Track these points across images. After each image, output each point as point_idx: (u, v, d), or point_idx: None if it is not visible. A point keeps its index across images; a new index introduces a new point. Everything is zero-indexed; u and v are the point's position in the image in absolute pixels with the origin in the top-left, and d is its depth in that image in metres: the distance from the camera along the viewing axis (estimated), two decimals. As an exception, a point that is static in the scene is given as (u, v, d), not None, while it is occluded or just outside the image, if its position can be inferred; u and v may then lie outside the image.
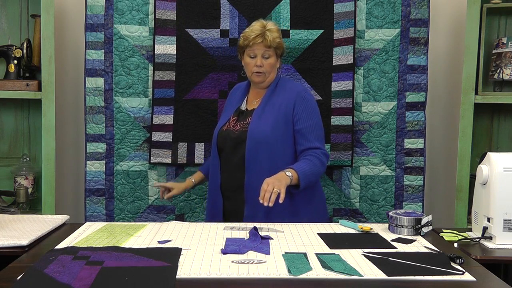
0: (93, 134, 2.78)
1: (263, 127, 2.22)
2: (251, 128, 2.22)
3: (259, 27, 2.27)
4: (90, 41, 2.75)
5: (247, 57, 2.29)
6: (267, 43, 2.24)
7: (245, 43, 2.27)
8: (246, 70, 2.33)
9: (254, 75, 2.29)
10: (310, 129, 2.25)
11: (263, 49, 2.25)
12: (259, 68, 2.26)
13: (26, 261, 1.52)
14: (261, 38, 2.24)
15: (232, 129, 2.28)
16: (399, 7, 2.74)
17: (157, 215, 2.81)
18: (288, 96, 2.28)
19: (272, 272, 1.41)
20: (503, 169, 1.77)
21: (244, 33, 2.31)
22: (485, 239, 1.79)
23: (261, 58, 2.26)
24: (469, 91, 2.67)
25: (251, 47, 2.26)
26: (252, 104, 2.35)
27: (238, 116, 2.32)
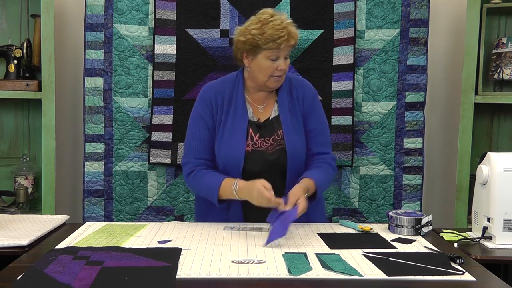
0: (92, 134, 2.78)
1: (300, 141, 1.98)
2: (289, 145, 1.94)
3: (280, 22, 1.88)
4: (90, 41, 2.75)
5: (265, 59, 1.90)
6: (295, 43, 1.92)
7: (270, 45, 1.87)
8: (259, 73, 1.94)
9: (272, 80, 1.94)
10: (321, 130, 2.05)
11: (289, 50, 1.93)
12: (281, 72, 1.93)
13: (26, 261, 1.52)
14: (292, 40, 1.89)
15: (264, 149, 1.96)
16: (399, 7, 2.75)
17: (156, 216, 2.80)
18: (299, 92, 2.04)
19: (272, 272, 1.41)
20: (503, 169, 1.77)
21: (261, 30, 1.89)
22: (485, 239, 1.79)
23: (284, 60, 1.92)
24: (469, 91, 2.67)
25: (276, 50, 1.88)
26: (259, 111, 2.02)
27: (260, 131, 1.98)
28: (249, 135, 1.96)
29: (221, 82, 2.08)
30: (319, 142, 2.03)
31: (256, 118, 2.00)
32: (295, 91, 2.04)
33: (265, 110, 2.02)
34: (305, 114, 2.03)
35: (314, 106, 2.05)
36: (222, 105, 2.00)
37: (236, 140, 1.95)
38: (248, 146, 1.95)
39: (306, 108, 2.03)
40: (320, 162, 2.01)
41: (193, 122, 2.05)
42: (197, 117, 2.03)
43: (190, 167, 2.00)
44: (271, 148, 1.96)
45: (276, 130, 1.98)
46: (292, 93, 2.03)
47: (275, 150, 1.96)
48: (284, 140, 1.95)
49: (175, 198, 2.80)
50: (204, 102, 2.03)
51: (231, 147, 1.95)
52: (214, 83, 2.10)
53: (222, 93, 2.02)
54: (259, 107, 2.03)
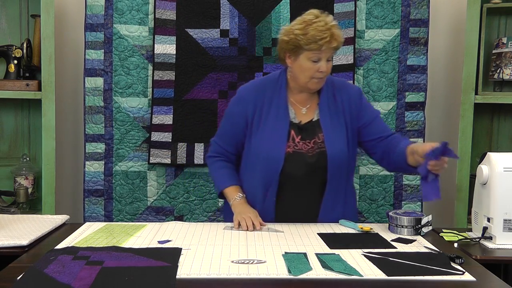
0: (92, 134, 2.78)
1: (340, 144, 1.94)
2: (330, 149, 1.92)
3: (324, 24, 1.85)
4: (90, 41, 2.75)
5: (306, 60, 1.87)
6: (338, 46, 1.89)
7: (311, 46, 1.84)
8: (301, 74, 1.91)
9: (313, 82, 1.90)
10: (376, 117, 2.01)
11: (332, 52, 1.89)
12: (322, 74, 1.89)
13: (26, 261, 1.52)
14: (335, 42, 1.86)
15: (304, 151, 1.94)
16: (399, 7, 2.75)
17: (156, 216, 2.80)
18: (343, 96, 2.00)
19: (272, 272, 1.41)
20: (503, 169, 1.77)
21: (304, 31, 1.86)
22: (485, 239, 1.79)
23: (325, 62, 1.88)
24: (469, 91, 2.67)
25: (318, 51, 1.85)
26: (302, 113, 1.99)
27: (301, 133, 1.95)
28: (290, 136, 1.94)
29: (263, 81, 2.06)
30: (381, 128, 2.01)
31: (298, 120, 1.97)
32: (339, 95, 2.00)
33: (308, 112, 1.99)
34: (355, 114, 1.99)
35: (361, 102, 2.02)
36: (262, 105, 1.98)
37: (276, 141, 1.93)
38: (289, 148, 1.93)
39: (354, 108, 2.00)
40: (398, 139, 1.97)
41: (225, 116, 2.11)
42: (229, 114, 2.07)
43: (212, 151, 2.13)
44: (311, 151, 1.93)
45: (317, 133, 1.95)
46: (336, 97, 1.99)
47: (315, 153, 1.93)
48: (324, 144, 1.93)
49: (174, 198, 2.80)
50: (239, 102, 2.02)
51: (272, 147, 1.93)
52: (255, 82, 2.09)
53: (263, 93, 1.99)
54: (302, 109, 1.99)
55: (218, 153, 2.09)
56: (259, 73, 2.76)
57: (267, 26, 2.75)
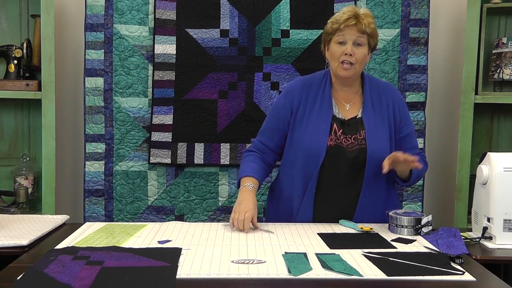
0: (93, 134, 2.78)
1: (382, 143, 1.96)
2: (370, 146, 1.94)
3: (351, 9, 1.93)
4: (90, 41, 2.75)
5: (334, 44, 1.94)
6: (361, 27, 1.89)
7: (334, 27, 1.92)
8: (331, 61, 1.97)
9: (341, 68, 1.93)
10: (413, 133, 2.08)
11: (356, 34, 1.90)
12: (349, 57, 1.90)
13: (26, 261, 1.52)
14: (354, 20, 1.89)
15: (344, 146, 1.96)
16: (399, 7, 2.75)
17: (156, 216, 2.80)
18: (388, 98, 2.03)
19: (272, 272, 1.41)
20: (503, 169, 1.77)
21: (332, 18, 1.97)
22: (485, 239, 1.79)
23: (351, 45, 1.91)
24: (469, 91, 2.67)
25: (341, 31, 1.91)
26: (345, 109, 2.02)
27: (343, 127, 1.98)
28: (332, 129, 1.97)
29: (310, 77, 2.10)
30: (413, 145, 2.07)
31: (341, 116, 2.00)
32: (384, 96, 2.04)
33: (351, 109, 2.02)
34: (399, 120, 2.04)
35: (406, 112, 2.07)
36: (307, 100, 2.03)
37: (319, 133, 1.96)
38: (331, 141, 1.96)
39: (398, 114, 2.04)
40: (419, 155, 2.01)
41: (271, 110, 2.14)
42: (274, 107, 2.11)
43: (251, 147, 2.14)
44: (351, 147, 1.96)
45: (359, 130, 1.97)
46: (380, 97, 2.03)
47: (355, 149, 1.95)
48: (365, 141, 1.95)
49: (175, 198, 2.80)
50: (286, 95, 2.07)
51: (314, 139, 1.96)
52: (303, 78, 2.13)
53: (308, 88, 2.04)
54: (346, 105, 2.02)
55: (256, 149, 2.11)
56: (259, 73, 2.76)
57: (267, 26, 2.75)
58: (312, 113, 2.00)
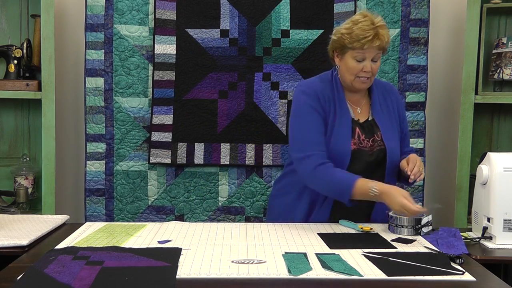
0: (93, 134, 2.78)
1: (396, 142, 2.00)
2: (389, 146, 1.97)
3: (369, 23, 1.88)
4: (90, 41, 2.75)
5: (351, 59, 1.91)
6: (382, 45, 1.89)
7: (355, 45, 1.88)
8: (347, 73, 1.95)
9: (358, 81, 1.93)
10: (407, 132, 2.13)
11: (376, 52, 1.90)
12: (367, 73, 1.92)
13: (26, 261, 1.52)
14: (377, 41, 1.87)
15: (366, 149, 1.97)
16: (399, 7, 2.75)
17: (156, 216, 2.81)
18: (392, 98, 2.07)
19: (272, 272, 1.41)
20: (503, 169, 1.77)
21: (350, 30, 1.90)
22: (485, 239, 1.79)
23: (370, 62, 1.91)
24: (469, 91, 2.67)
25: (362, 50, 1.88)
26: (357, 113, 2.02)
27: (364, 131, 1.99)
28: (356, 133, 1.96)
29: (320, 80, 2.04)
30: (406, 144, 2.13)
31: (357, 118, 2.01)
32: (388, 96, 2.07)
33: (362, 111, 2.03)
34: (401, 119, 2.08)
35: (403, 111, 2.12)
36: (328, 102, 1.98)
37: (342, 137, 1.94)
38: (355, 145, 1.95)
39: (400, 113, 2.09)
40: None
41: (304, 113, 1.97)
42: (308, 108, 1.96)
43: (316, 159, 1.92)
44: (372, 149, 1.97)
45: (376, 131, 1.99)
46: (386, 97, 2.05)
47: (375, 151, 1.97)
48: (383, 142, 1.97)
49: (175, 198, 2.81)
50: (311, 96, 1.97)
51: (338, 143, 1.94)
52: (314, 80, 2.05)
53: (325, 90, 1.99)
54: (357, 108, 2.03)
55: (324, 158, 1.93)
56: (259, 73, 2.76)
57: (267, 26, 2.75)
58: (334, 115, 1.97)
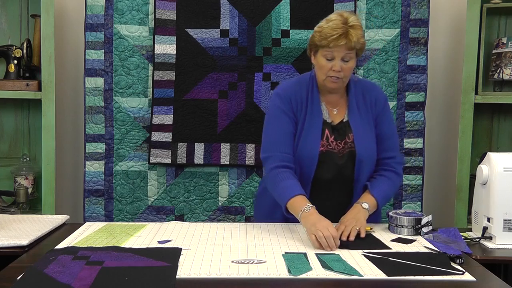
0: (93, 134, 2.78)
1: (369, 145, 1.96)
2: (359, 149, 1.93)
3: (340, 23, 1.84)
4: (90, 41, 2.75)
5: (321, 58, 1.89)
6: (350, 45, 1.83)
7: (323, 43, 1.85)
8: (318, 72, 1.94)
9: (328, 81, 1.91)
10: (389, 134, 2.02)
11: (344, 51, 1.85)
12: (337, 73, 1.88)
13: (26, 261, 1.52)
14: (344, 40, 1.82)
15: (335, 151, 1.94)
16: (399, 7, 2.74)
17: (156, 216, 2.80)
18: (372, 96, 2.01)
19: (272, 272, 1.41)
20: (503, 169, 1.77)
21: (321, 28, 1.87)
22: (485, 239, 1.79)
23: (340, 61, 1.86)
24: (469, 91, 2.67)
25: (329, 49, 1.85)
26: (333, 113, 2.00)
27: (334, 132, 1.96)
28: (324, 135, 1.95)
29: (297, 81, 2.05)
30: (386, 147, 2.01)
31: (330, 120, 1.98)
32: (368, 95, 2.01)
33: (338, 112, 2.00)
34: (376, 118, 2.01)
35: (385, 111, 2.03)
36: (301, 102, 1.97)
37: (311, 139, 1.93)
38: (323, 147, 1.93)
39: (378, 111, 2.01)
40: (384, 170, 2.00)
41: (274, 116, 1.99)
42: (278, 111, 1.98)
43: (274, 161, 1.93)
44: (342, 152, 1.94)
45: (348, 133, 1.96)
46: (365, 97, 2.00)
47: (345, 153, 1.94)
48: (354, 143, 1.94)
49: (175, 198, 2.80)
50: (284, 99, 1.98)
51: (307, 146, 1.93)
52: (290, 83, 2.06)
53: (299, 93, 1.99)
54: (333, 110, 2.00)
55: (282, 161, 1.92)
56: (259, 73, 2.76)
57: (267, 26, 2.75)
58: (305, 117, 1.97)
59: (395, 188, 2.06)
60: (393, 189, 2.03)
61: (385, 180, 1.97)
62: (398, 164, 2.03)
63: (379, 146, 2.00)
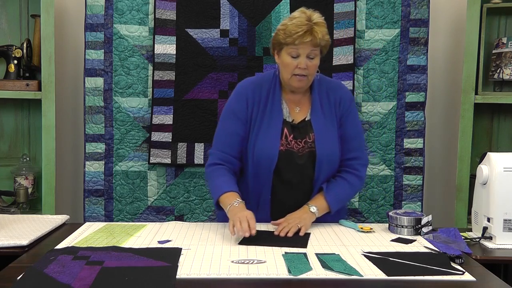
0: (92, 134, 2.78)
1: (331, 145, 1.93)
2: (320, 149, 1.91)
3: (304, 20, 1.83)
4: (90, 41, 2.75)
5: (286, 56, 1.87)
6: (315, 41, 1.83)
7: (287, 40, 1.83)
8: (283, 71, 1.91)
9: (294, 79, 1.88)
10: (353, 135, 1.99)
11: (310, 48, 1.84)
12: (302, 71, 1.86)
13: (26, 261, 1.52)
14: (309, 36, 1.81)
15: (295, 150, 1.93)
16: (399, 7, 2.75)
17: (156, 216, 2.80)
18: (336, 96, 1.98)
19: (272, 272, 1.41)
20: (503, 169, 1.77)
21: (285, 26, 1.86)
22: (485, 239, 1.79)
23: (305, 59, 1.85)
24: (469, 91, 2.67)
25: (295, 46, 1.83)
26: (295, 112, 1.97)
27: (294, 132, 1.94)
28: (283, 134, 1.92)
29: (259, 78, 2.03)
30: (350, 148, 1.98)
31: (291, 119, 1.96)
32: (332, 94, 1.98)
33: (301, 111, 1.97)
34: (341, 119, 1.98)
35: (350, 110, 2.00)
36: (259, 102, 1.96)
37: (270, 138, 1.91)
38: (282, 146, 1.91)
39: (342, 112, 1.98)
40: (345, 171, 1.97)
41: (224, 115, 2.01)
42: (229, 111, 1.99)
43: (213, 158, 1.98)
44: (302, 151, 1.92)
45: (309, 132, 1.93)
46: (329, 96, 1.98)
47: (305, 153, 1.92)
48: (314, 144, 1.92)
49: (175, 198, 2.80)
50: (239, 97, 1.98)
51: (266, 144, 1.91)
52: (253, 79, 2.06)
53: (260, 90, 1.97)
54: (296, 108, 1.97)
55: (221, 160, 1.97)
56: (259, 73, 2.76)
57: (267, 26, 2.75)
58: (263, 116, 1.94)
59: (354, 192, 2.03)
60: (351, 192, 2.01)
61: (343, 183, 1.95)
62: (361, 166, 2.00)
63: (343, 146, 1.97)
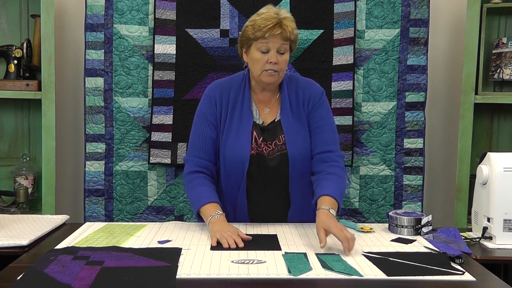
0: (93, 134, 2.78)
1: (302, 145, 1.90)
2: (291, 151, 1.88)
3: (272, 13, 1.83)
4: (90, 41, 2.75)
5: (256, 51, 1.84)
6: (285, 35, 1.81)
7: (257, 34, 1.82)
8: (253, 67, 1.88)
9: (265, 74, 1.85)
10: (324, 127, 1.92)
11: (280, 42, 1.82)
12: (273, 65, 1.83)
13: (26, 261, 1.52)
14: (279, 29, 1.80)
15: (265, 153, 1.90)
16: (399, 7, 2.74)
17: (156, 216, 2.80)
18: (305, 94, 1.95)
19: (272, 272, 1.41)
20: (503, 169, 1.77)
21: (253, 21, 1.86)
22: (485, 239, 1.79)
23: (275, 53, 1.83)
24: (469, 91, 2.67)
25: (264, 40, 1.81)
26: (265, 113, 1.95)
27: (263, 134, 1.91)
28: (253, 138, 1.90)
29: (228, 80, 2.01)
30: (323, 140, 1.92)
31: (261, 120, 1.94)
32: (301, 93, 1.96)
33: (270, 112, 1.95)
34: (309, 115, 1.94)
35: (319, 104, 1.96)
36: (227, 104, 1.94)
37: (241, 142, 1.89)
38: (253, 150, 1.89)
39: (311, 107, 1.95)
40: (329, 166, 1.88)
41: (196, 120, 1.99)
42: (200, 115, 1.97)
43: (190, 165, 1.95)
44: (272, 154, 1.90)
45: (278, 134, 1.91)
46: (298, 95, 1.95)
47: (276, 156, 1.90)
48: (285, 145, 1.89)
49: (175, 198, 2.80)
50: (208, 100, 1.96)
51: (236, 149, 1.89)
52: (221, 81, 2.03)
53: (228, 92, 1.95)
54: (265, 109, 1.95)
55: (198, 167, 1.93)
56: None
57: (267, 26, 2.75)
58: (232, 120, 1.92)
59: (345, 183, 1.97)
60: (344, 184, 1.92)
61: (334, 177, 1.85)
62: (339, 157, 1.93)
63: (314, 139, 1.92)
